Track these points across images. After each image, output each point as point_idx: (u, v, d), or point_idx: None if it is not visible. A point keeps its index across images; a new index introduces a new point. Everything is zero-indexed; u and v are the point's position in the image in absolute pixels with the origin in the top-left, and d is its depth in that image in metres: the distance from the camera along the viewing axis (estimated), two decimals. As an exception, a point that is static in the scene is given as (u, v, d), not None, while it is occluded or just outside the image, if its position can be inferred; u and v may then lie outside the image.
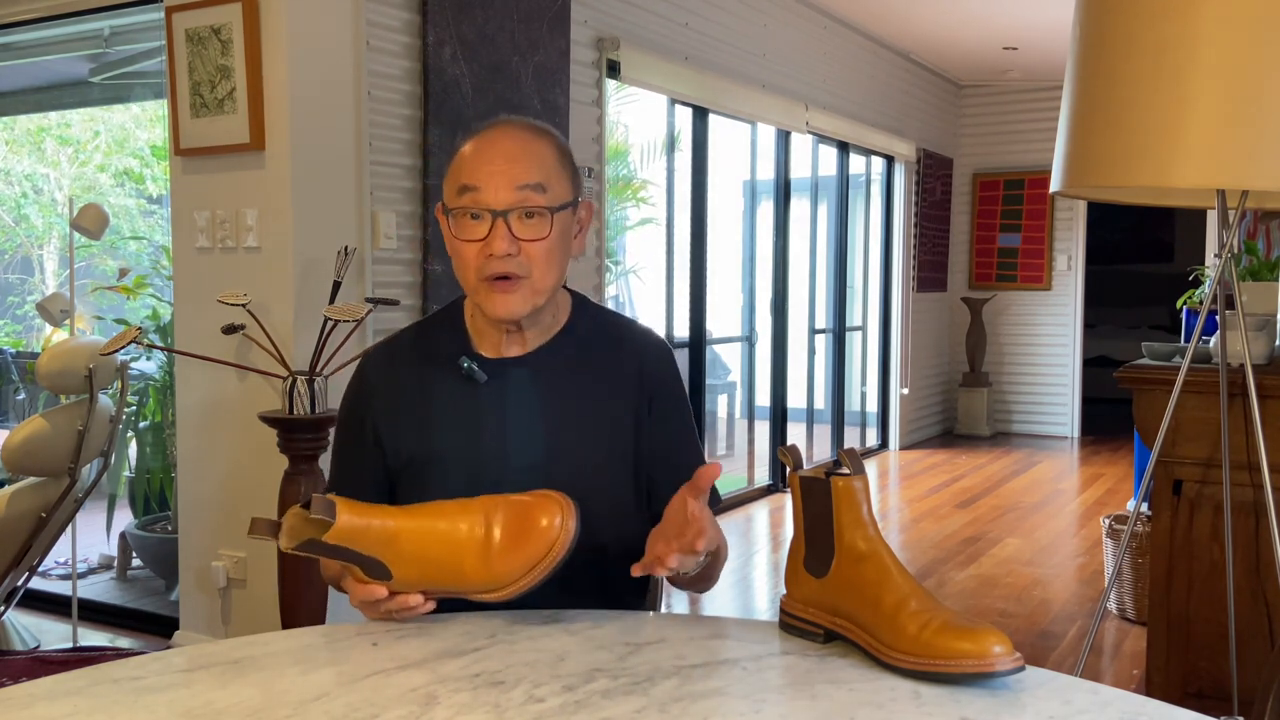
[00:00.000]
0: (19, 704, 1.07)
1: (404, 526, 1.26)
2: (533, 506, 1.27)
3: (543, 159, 1.42)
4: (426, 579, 1.27)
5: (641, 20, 4.85)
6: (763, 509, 6.00)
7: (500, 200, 1.39)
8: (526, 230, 1.40)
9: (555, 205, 1.42)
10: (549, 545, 1.24)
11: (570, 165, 1.47)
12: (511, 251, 1.39)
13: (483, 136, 1.43)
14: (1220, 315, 2.48)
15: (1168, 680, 2.72)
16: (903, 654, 1.10)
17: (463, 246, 1.42)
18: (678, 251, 5.56)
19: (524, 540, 1.25)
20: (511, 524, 1.26)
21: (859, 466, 1.20)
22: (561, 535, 1.25)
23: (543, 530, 1.25)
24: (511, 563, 1.25)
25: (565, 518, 1.25)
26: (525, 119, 1.48)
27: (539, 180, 1.40)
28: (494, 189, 1.39)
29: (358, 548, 1.25)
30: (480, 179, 1.39)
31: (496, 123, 1.45)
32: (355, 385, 1.57)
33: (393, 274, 3.54)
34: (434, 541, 1.26)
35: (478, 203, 1.39)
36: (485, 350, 1.51)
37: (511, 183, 1.39)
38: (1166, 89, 2.07)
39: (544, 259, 1.42)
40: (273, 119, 3.14)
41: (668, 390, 1.56)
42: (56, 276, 7.97)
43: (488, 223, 1.39)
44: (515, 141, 1.42)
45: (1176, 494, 2.71)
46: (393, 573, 1.26)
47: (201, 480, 3.42)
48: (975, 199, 8.72)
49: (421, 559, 1.26)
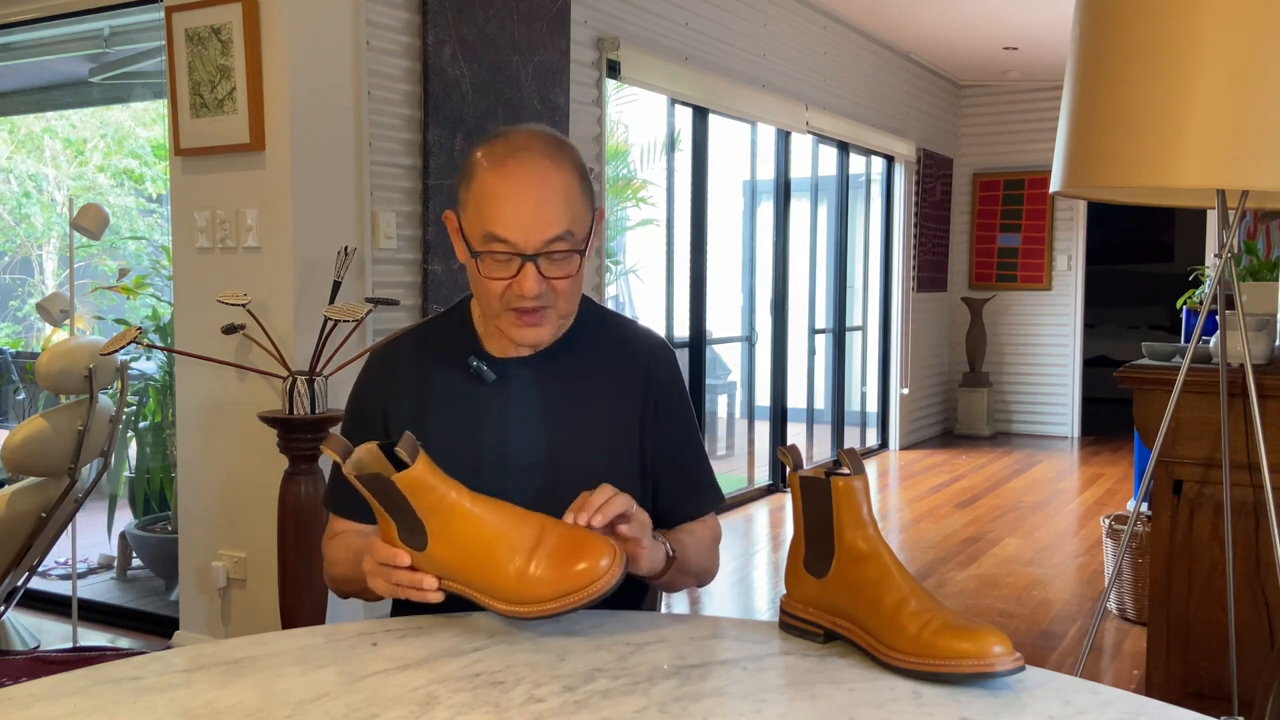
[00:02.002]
0: (19, 704, 1.07)
1: (464, 505, 1.24)
2: (587, 542, 1.24)
3: (568, 195, 1.39)
4: (457, 566, 1.25)
5: (641, 20, 4.85)
6: (763, 509, 6.00)
7: (529, 245, 1.37)
8: (555, 269, 1.40)
9: (582, 245, 1.41)
10: (588, 583, 1.21)
11: (588, 184, 1.45)
12: (542, 290, 1.39)
13: (505, 170, 1.38)
14: (1220, 315, 2.48)
15: (1168, 680, 2.72)
16: (903, 654, 1.10)
17: (488, 283, 1.40)
18: (678, 251, 5.56)
19: (565, 571, 1.22)
20: (561, 551, 1.23)
21: (859, 466, 1.20)
22: (605, 578, 1.22)
23: (586, 570, 1.22)
24: (545, 586, 1.22)
25: (614, 563, 1.23)
26: (542, 135, 1.43)
27: (567, 227, 1.38)
28: (523, 238, 1.37)
29: (414, 502, 1.23)
30: (509, 231, 1.36)
31: (516, 149, 1.39)
32: (362, 381, 1.58)
33: (393, 274, 3.54)
34: (484, 533, 1.24)
35: (508, 250, 1.38)
36: (492, 350, 1.52)
37: (541, 234, 1.37)
38: (1166, 89, 2.07)
39: (570, 290, 1.43)
40: (273, 119, 3.14)
41: (672, 393, 1.57)
42: (56, 276, 7.97)
43: (516, 264, 1.38)
44: (540, 181, 1.38)
45: (1176, 494, 2.71)
46: (429, 545, 1.24)
47: (201, 480, 3.42)
48: (975, 199, 8.72)
49: (464, 544, 1.24)
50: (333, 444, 1.24)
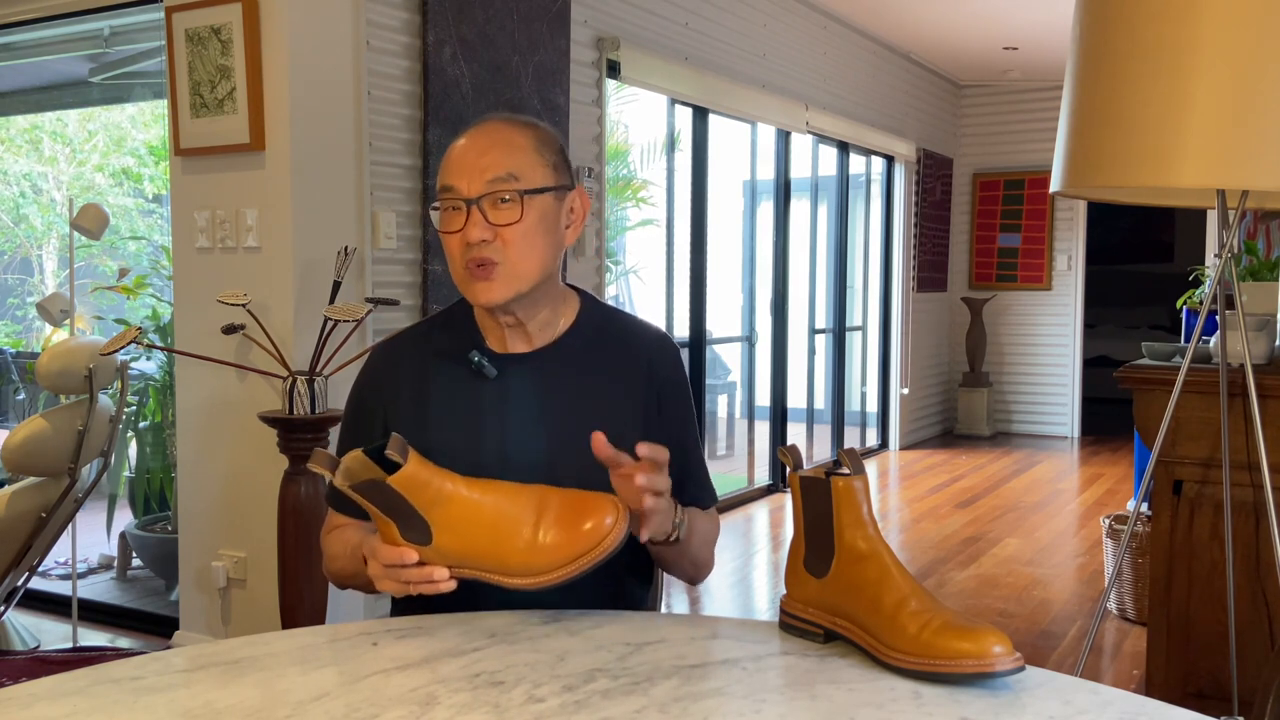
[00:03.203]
0: (19, 704, 1.07)
1: (461, 492, 1.24)
2: (588, 502, 1.26)
3: (515, 147, 1.45)
4: (466, 552, 1.25)
5: (641, 20, 4.85)
6: (763, 509, 6.00)
7: (472, 190, 1.43)
8: (500, 215, 1.43)
9: (527, 189, 1.44)
10: (596, 542, 1.24)
11: (553, 153, 1.48)
12: (486, 238, 1.42)
13: (465, 134, 1.48)
14: (1220, 315, 2.48)
15: (1168, 680, 2.72)
16: (903, 654, 1.10)
17: (446, 239, 1.46)
18: (678, 251, 5.56)
19: (573, 533, 1.24)
20: (565, 515, 1.25)
21: (859, 466, 1.20)
22: (611, 536, 1.24)
23: (593, 529, 1.24)
24: (555, 554, 1.24)
25: (618, 520, 1.25)
26: (509, 115, 1.51)
27: (509, 170, 1.43)
28: (466, 181, 1.43)
29: (412, 500, 1.23)
30: (454, 175, 1.44)
31: (480, 120, 1.50)
32: (363, 377, 1.58)
33: (393, 274, 3.54)
34: (486, 514, 1.24)
35: (454, 196, 1.43)
36: (493, 346, 1.53)
37: (481, 174, 1.43)
38: (1166, 89, 2.07)
39: (520, 242, 1.43)
40: (273, 119, 3.14)
41: (676, 389, 1.57)
42: (56, 276, 7.97)
43: (464, 213, 1.43)
44: (488, 136, 1.46)
45: (1176, 494, 2.71)
46: (434, 538, 1.24)
47: (201, 480, 3.42)
48: (975, 199, 8.72)
49: (469, 529, 1.24)
50: (319, 460, 1.24)
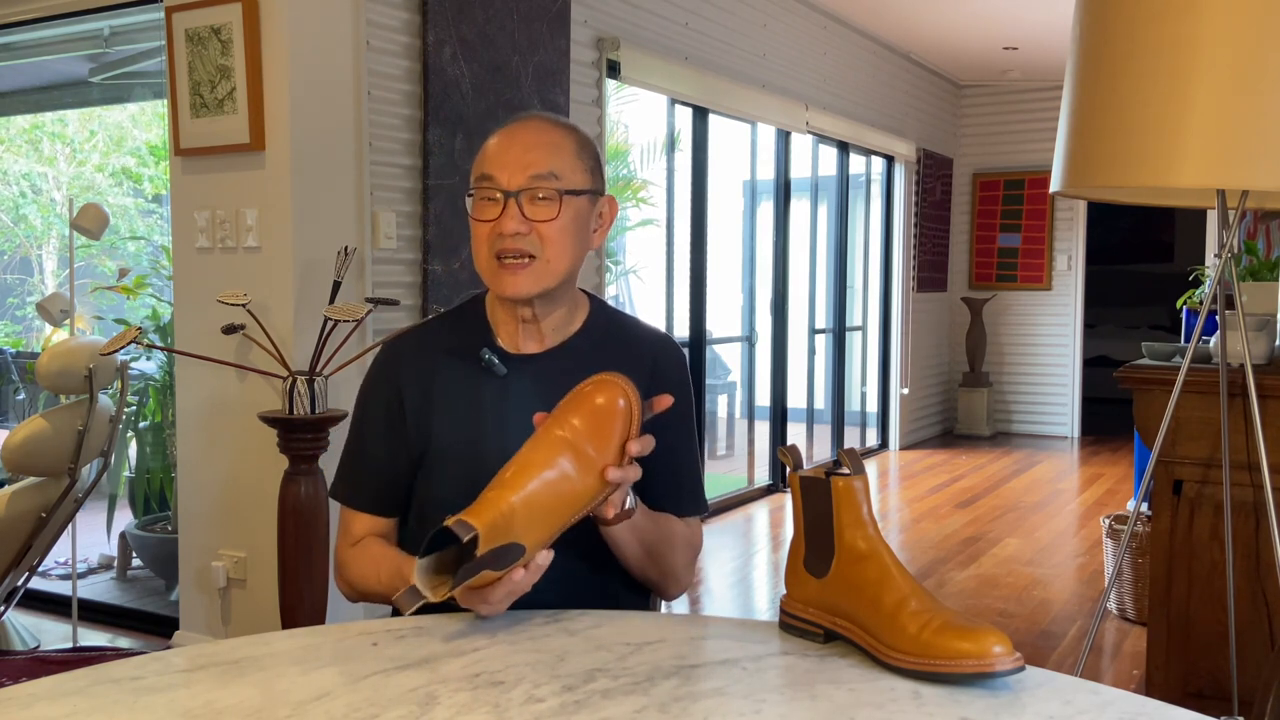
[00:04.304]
0: (19, 704, 1.07)
1: (517, 499, 1.24)
2: (592, 395, 1.30)
3: (558, 148, 1.47)
4: (552, 526, 1.27)
5: (641, 20, 4.85)
6: (763, 509, 6.00)
7: (513, 183, 1.44)
8: (538, 211, 1.44)
9: (566, 189, 1.46)
10: (627, 418, 1.29)
11: (590, 158, 1.51)
12: (522, 230, 1.43)
13: (506, 129, 1.50)
14: (1220, 315, 2.48)
15: (1168, 680, 2.72)
16: (903, 654, 1.10)
17: (478, 226, 1.47)
18: (678, 251, 5.56)
19: (604, 427, 1.28)
20: (588, 423, 1.28)
21: (859, 466, 1.20)
22: (633, 402, 1.29)
23: (611, 408, 1.28)
24: (607, 453, 1.28)
25: (624, 387, 1.30)
26: (552, 115, 1.54)
27: (550, 169, 1.45)
28: (508, 174, 1.44)
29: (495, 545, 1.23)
30: (496, 166, 1.45)
31: (521, 116, 1.52)
32: (373, 373, 1.58)
33: (393, 274, 3.53)
34: (545, 492, 1.25)
35: (493, 186, 1.45)
36: (503, 345, 1.53)
37: (524, 169, 1.44)
38: (1166, 89, 2.07)
39: (556, 239, 1.45)
40: (273, 119, 3.14)
41: (677, 390, 1.57)
42: (56, 276, 7.97)
43: (500, 204, 1.44)
44: (533, 132, 1.48)
45: (1176, 494, 2.71)
46: (525, 545, 1.24)
47: (201, 480, 3.42)
48: (975, 199, 8.72)
49: (543, 514, 1.25)
50: (406, 602, 1.22)
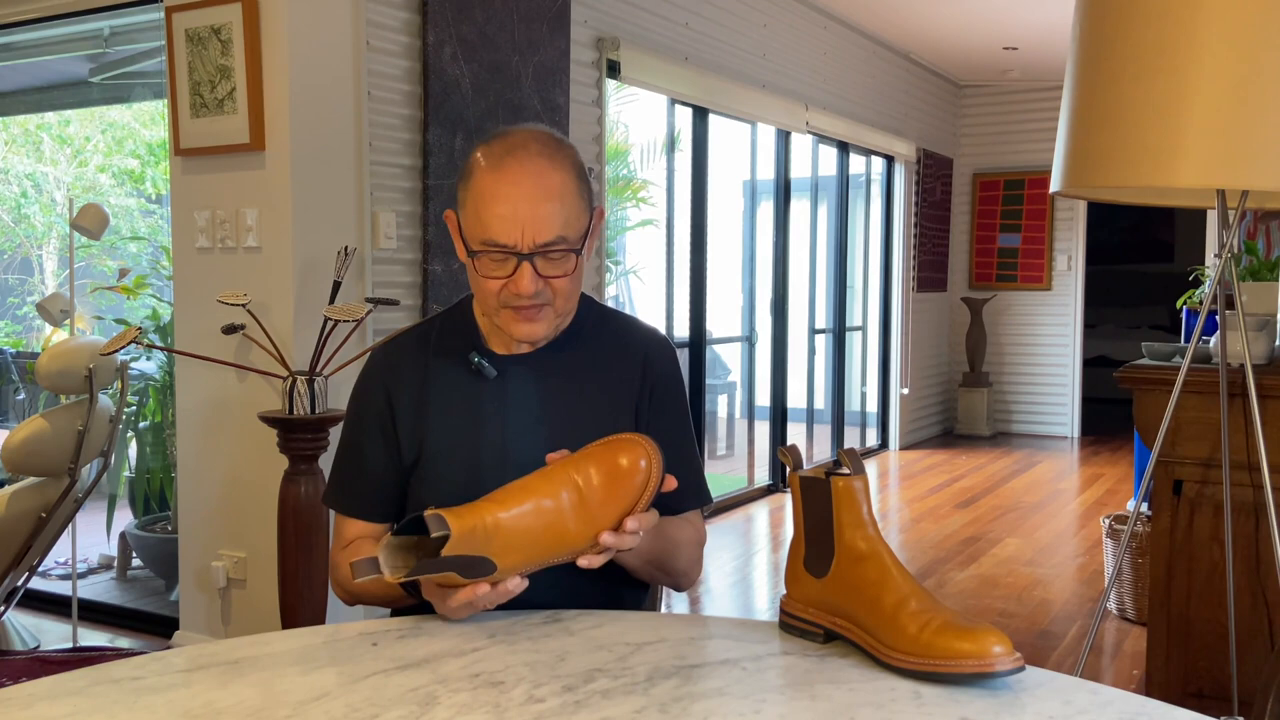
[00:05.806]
0: (19, 704, 1.07)
1: (504, 516, 1.24)
2: (617, 451, 1.27)
3: (564, 195, 1.39)
4: (531, 558, 1.25)
5: (641, 20, 4.85)
6: (763, 509, 6.00)
7: (525, 247, 1.38)
8: (552, 269, 1.40)
9: (579, 245, 1.42)
10: (642, 487, 1.26)
11: (586, 183, 1.45)
12: (539, 288, 1.40)
13: (502, 170, 1.38)
14: (1220, 315, 2.48)
15: (1168, 680, 2.72)
16: (903, 654, 1.10)
17: (486, 282, 1.41)
18: (678, 251, 5.56)
19: (617, 487, 1.26)
20: (601, 474, 1.26)
21: (859, 466, 1.20)
22: (653, 472, 1.27)
23: (632, 472, 1.26)
24: (610, 513, 1.26)
25: (650, 454, 1.27)
26: (540, 134, 1.43)
27: (560, 233, 1.38)
28: (519, 239, 1.37)
29: (467, 552, 1.22)
30: (504, 233, 1.37)
31: (513, 148, 1.40)
32: (364, 379, 1.57)
33: (393, 274, 3.53)
34: (535, 520, 1.24)
35: (504, 252, 1.38)
36: (494, 347, 1.53)
37: (535, 233, 1.37)
38: (1166, 89, 2.07)
39: (568, 288, 1.43)
40: (273, 119, 3.14)
41: (668, 387, 1.57)
42: (56, 276, 7.97)
43: (512, 264, 1.39)
44: (535, 181, 1.38)
45: (1176, 494, 2.71)
46: (498, 564, 1.23)
47: (201, 480, 3.42)
48: (975, 199, 8.72)
49: (526, 541, 1.24)
50: (361, 571, 1.22)
